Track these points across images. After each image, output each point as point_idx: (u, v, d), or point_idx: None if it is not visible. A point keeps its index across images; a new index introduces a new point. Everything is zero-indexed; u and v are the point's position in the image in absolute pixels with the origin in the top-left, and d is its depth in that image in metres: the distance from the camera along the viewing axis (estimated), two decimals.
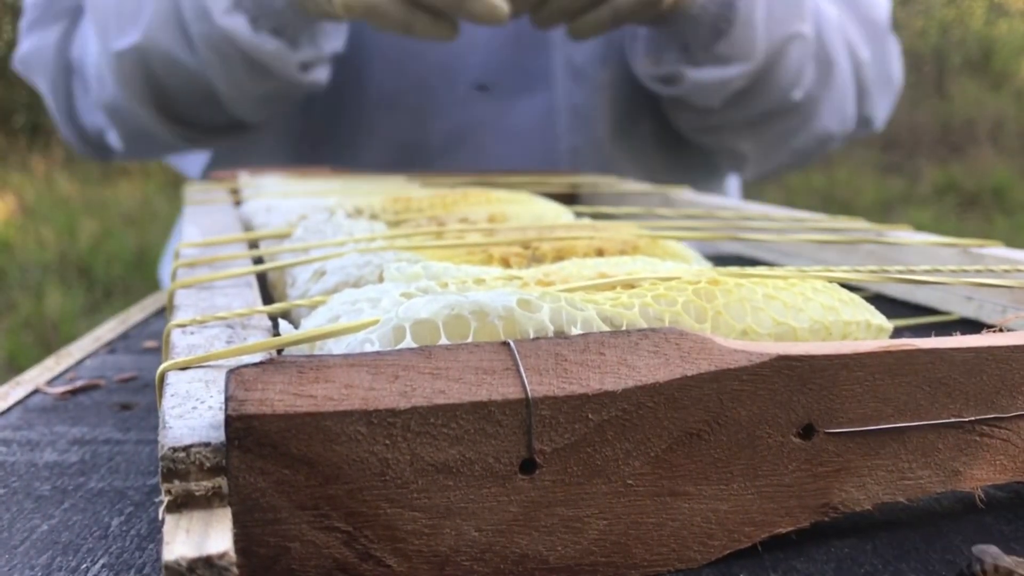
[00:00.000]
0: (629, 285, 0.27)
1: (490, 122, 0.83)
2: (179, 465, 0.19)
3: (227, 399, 0.19)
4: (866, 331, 0.28)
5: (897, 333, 0.32)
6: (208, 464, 0.19)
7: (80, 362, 0.42)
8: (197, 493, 0.19)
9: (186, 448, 0.19)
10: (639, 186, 0.72)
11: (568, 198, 0.74)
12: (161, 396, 0.22)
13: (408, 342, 0.23)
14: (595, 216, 0.50)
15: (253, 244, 0.44)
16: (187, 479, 0.19)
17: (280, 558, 0.20)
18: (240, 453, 0.19)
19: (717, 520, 0.23)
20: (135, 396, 0.38)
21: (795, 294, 0.27)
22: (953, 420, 0.24)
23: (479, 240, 0.36)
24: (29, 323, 2.08)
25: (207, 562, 0.17)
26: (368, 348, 0.23)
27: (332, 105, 0.84)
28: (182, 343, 0.26)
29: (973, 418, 0.24)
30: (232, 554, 0.17)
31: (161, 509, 0.19)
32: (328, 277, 0.34)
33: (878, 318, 0.29)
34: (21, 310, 2.13)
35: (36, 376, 0.39)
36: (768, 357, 0.22)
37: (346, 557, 0.20)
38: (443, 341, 0.23)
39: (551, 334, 0.24)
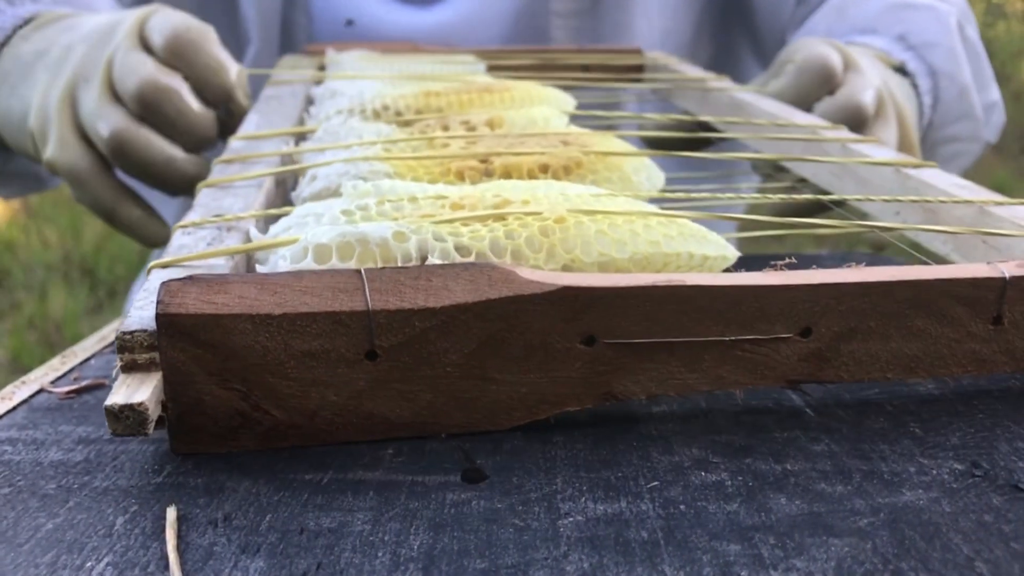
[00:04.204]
0: (500, 218, 0.35)
1: None
2: (127, 343, 0.29)
3: (158, 302, 0.29)
4: (689, 261, 0.35)
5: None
6: (147, 343, 0.29)
7: (85, 362, 0.41)
8: (139, 361, 0.29)
9: (132, 332, 0.29)
10: (693, 72, 0.76)
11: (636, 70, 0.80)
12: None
13: (309, 260, 0.32)
14: (584, 121, 0.57)
15: (301, 136, 0.53)
16: (133, 352, 0.29)
17: (197, 405, 0.30)
18: (166, 338, 0.29)
19: (519, 398, 0.32)
20: None
21: (625, 231, 0.34)
22: (715, 339, 0.32)
23: (448, 153, 0.44)
24: (33, 323, 2.04)
25: (131, 407, 0.28)
26: (282, 263, 0.33)
27: None
28: (176, 243, 0.36)
29: (734, 338, 0.32)
30: (147, 403, 0.28)
31: (115, 370, 0.29)
32: (316, 182, 0.43)
33: (714, 250, 0.36)
34: (25, 310, 2.10)
35: (41, 376, 0.39)
36: (555, 287, 0.30)
37: (243, 408, 0.30)
38: (334, 260, 0.32)
39: (415, 260, 0.33)
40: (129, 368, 0.29)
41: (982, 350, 0.34)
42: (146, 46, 0.57)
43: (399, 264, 0.32)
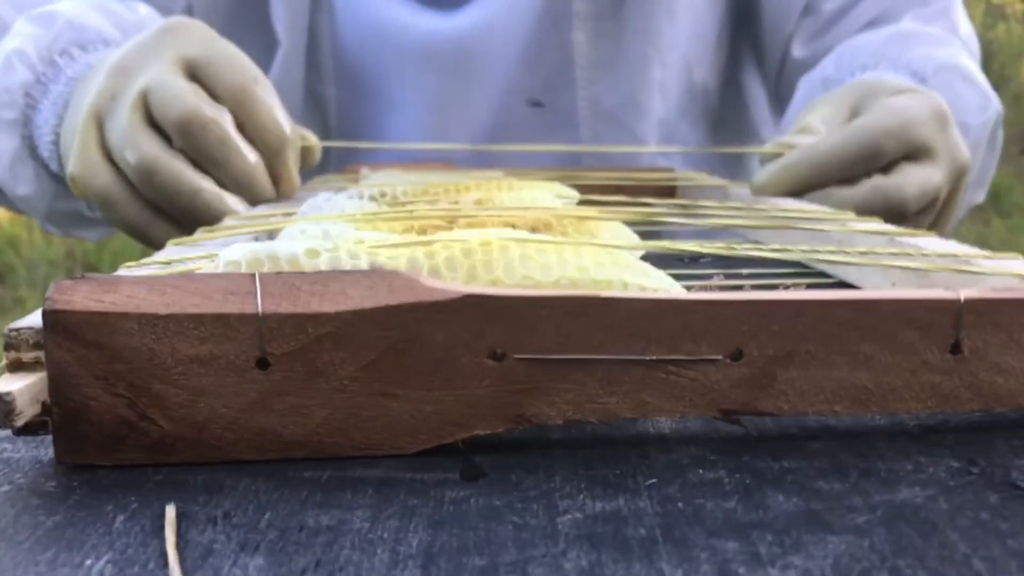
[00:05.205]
0: (427, 244, 0.34)
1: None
2: (13, 340, 0.28)
3: (46, 299, 0.28)
4: (623, 289, 0.33)
5: None
6: (32, 341, 0.28)
7: None
8: (25, 360, 0.28)
9: (19, 329, 0.28)
10: (717, 181, 0.76)
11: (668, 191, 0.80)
12: None
13: None
14: (584, 203, 0.56)
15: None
16: (19, 350, 0.28)
17: (82, 411, 0.29)
18: (52, 335, 0.28)
19: (423, 418, 0.30)
20: None
21: (553, 256, 0.33)
22: (634, 358, 0.30)
23: (414, 214, 0.44)
24: None
25: None
26: None
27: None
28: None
29: (655, 357, 0.30)
30: (16, 394, 0.27)
31: (2, 365, 0.28)
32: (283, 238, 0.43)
33: (653, 282, 0.34)
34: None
35: None
36: (458, 295, 0.29)
37: (129, 416, 0.29)
38: None
39: None
40: (15, 367, 0.29)
41: (943, 383, 0.31)
42: (191, 75, 0.57)
43: None
